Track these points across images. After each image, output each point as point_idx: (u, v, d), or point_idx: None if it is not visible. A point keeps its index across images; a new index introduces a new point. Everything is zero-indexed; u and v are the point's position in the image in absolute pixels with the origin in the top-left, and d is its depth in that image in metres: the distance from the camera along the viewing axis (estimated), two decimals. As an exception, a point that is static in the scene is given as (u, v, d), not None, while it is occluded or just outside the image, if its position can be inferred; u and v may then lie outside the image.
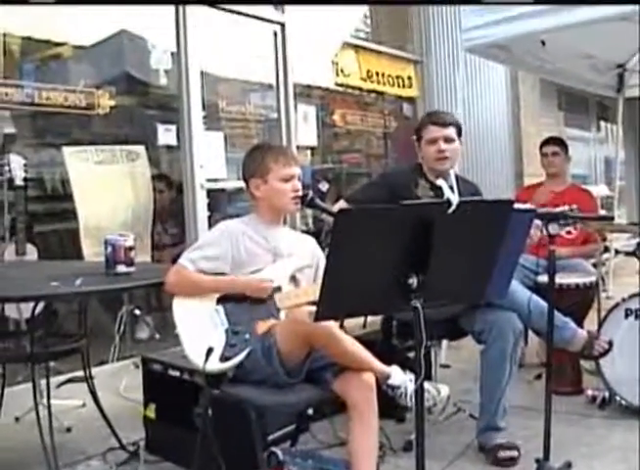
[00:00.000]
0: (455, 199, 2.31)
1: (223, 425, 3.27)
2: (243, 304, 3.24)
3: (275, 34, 6.68)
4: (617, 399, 4.37)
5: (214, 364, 3.08)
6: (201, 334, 3.15)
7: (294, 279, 3.41)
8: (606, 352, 3.96)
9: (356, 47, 7.92)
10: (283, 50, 6.75)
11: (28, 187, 5.09)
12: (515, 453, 3.73)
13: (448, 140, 4.05)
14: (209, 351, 3.06)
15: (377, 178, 4.45)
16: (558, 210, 3.38)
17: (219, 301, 3.25)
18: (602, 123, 13.83)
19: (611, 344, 3.95)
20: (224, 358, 3.10)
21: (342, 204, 4.07)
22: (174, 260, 3.35)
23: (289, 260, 3.40)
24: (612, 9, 5.12)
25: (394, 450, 3.90)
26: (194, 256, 3.26)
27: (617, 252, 8.98)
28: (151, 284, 3.50)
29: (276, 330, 3.11)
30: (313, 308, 2.43)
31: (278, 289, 3.31)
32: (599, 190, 9.51)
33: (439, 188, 2.44)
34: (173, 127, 6.09)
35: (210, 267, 3.26)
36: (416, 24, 8.64)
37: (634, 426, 4.08)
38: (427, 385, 3.19)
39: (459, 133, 4.12)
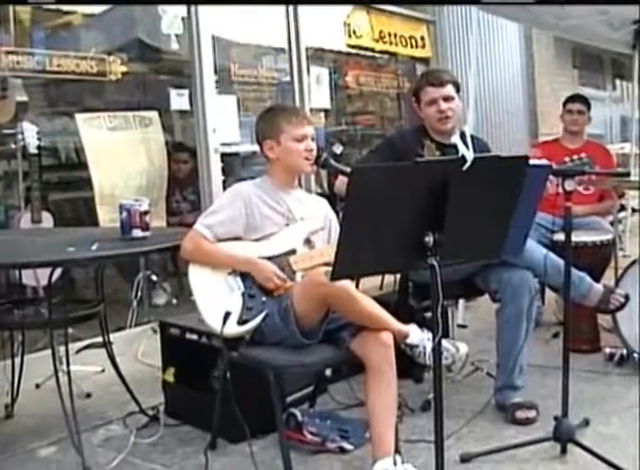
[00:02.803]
0: (470, 155, 2.29)
1: (242, 387, 3.28)
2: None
3: (286, 4, 6.63)
4: (635, 356, 4.36)
5: (232, 328, 3.10)
6: (217, 299, 3.17)
7: (308, 242, 3.41)
8: (622, 306, 3.93)
9: (368, 8, 7.84)
10: (294, 13, 6.70)
11: (42, 155, 5.08)
12: (532, 414, 3.73)
13: (447, 99, 3.98)
14: (227, 315, 3.07)
15: (381, 144, 4.39)
16: (569, 161, 3.33)
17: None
18: (617, 82, 13.69)
19: (627, 297, 3.92)
20: (242, 322, 3.12)
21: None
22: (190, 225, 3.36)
23: (303, 223, 3.40)
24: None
25: (413, 410, 3.91)
26: (210, 221, 3.26)
27: (634, 210, 8.95)
28: (166, 248, 3.50)
29: (292, 292, 3.12)
30: (329, 269, 2.42)
31: (293, 252, 3.32)
32: (628, 147, 9.36)
33: (448, 146, 2.42)
34: (186, 92, 6.07)
35: (226, 231, 3.26)
36: (428, -17, 8.56)
37: (652, 383, 4.10)
38: (445, 343, 3.20)
39: (457, 90, 4.07)
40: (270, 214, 3.36)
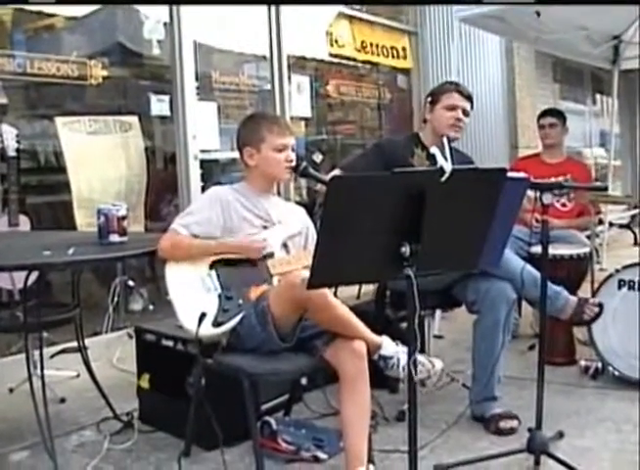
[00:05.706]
0: (448, 167, 2.30)
1: (216, 394, 3.27)
2: (236, 269, 3.24)
3: (269, 5, 6.63)
4: (610, 369, 4.38)
5: (207, 330, 3.08)
6: (193, 299, 3.15)
7: (285, 246, 3.43)
8: (596, 317, 3.92)
9: (351, 18, 7.86)
10: (277, 21, 6.71)
11: (21, 158, 5.05)
12: (515, 424, 3.73)
13: (465, 112, 4.09)
14: (202, 316, 3.05)
15: (371, 148, 4.41)
16: (552, 180, 3.37)
17: (212, 266, 3.25)
18: (597, 96, 13.76)
19: (601, 306, 3.90)
20: (217, 324, 3.10)
21: (336, 172, 4.05)
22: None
23: (280, 227, 3.42)
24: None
25: (387, 420, 3.91)
26: (186, 221, 3.27)
27: (611, 224, 9.01)
28: (143, 253, 3.47)
29: (269, 294, 3.11)
30: (306, 273, 2.42)
31: (271, 255, 3.32)
32: (595, 153, 9.43)
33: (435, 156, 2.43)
34: (166, 98, 6.06)
35: (203, 231, 3.27)
36: (410, -5, 8.59)
37: (626, 396, 4.12)
38: (421, 358, 3.19)
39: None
40: (248, 216, 3.37)
